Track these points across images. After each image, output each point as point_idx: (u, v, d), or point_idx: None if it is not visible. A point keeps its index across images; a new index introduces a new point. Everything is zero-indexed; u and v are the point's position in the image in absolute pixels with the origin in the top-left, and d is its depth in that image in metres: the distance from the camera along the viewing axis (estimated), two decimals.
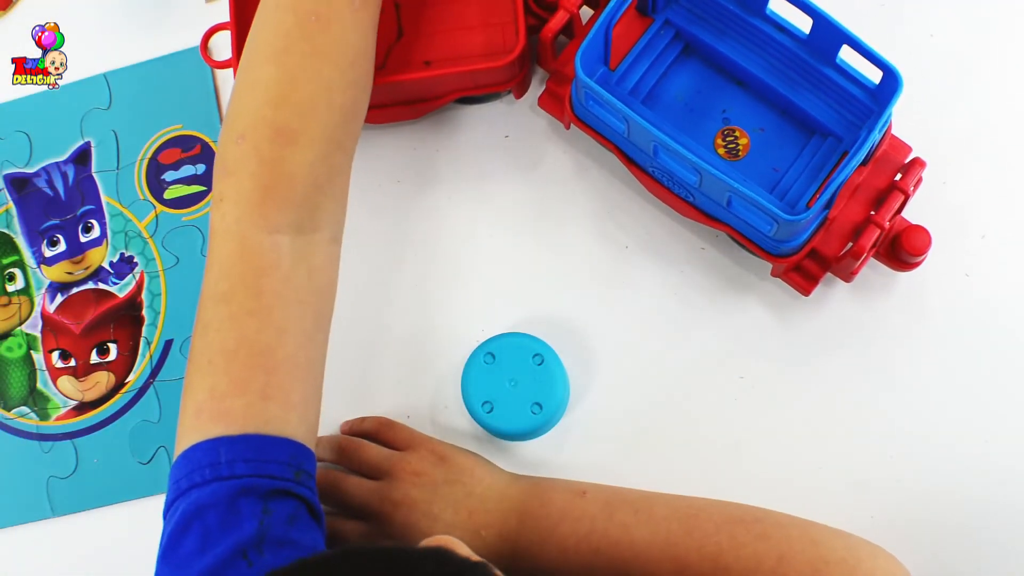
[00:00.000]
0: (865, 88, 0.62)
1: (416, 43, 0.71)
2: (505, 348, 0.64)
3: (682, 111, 0.67)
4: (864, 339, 0.67)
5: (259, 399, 0.53)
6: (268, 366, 0.54)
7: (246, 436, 0.52)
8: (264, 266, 0.55)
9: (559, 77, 0.68)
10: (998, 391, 0.65)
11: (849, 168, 0.59)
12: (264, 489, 0.51)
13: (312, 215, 0.57)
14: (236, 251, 0.55)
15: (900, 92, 0.59)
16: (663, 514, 0.60)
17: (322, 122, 0.57)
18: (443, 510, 0.61)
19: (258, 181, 0.55)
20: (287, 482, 0.52)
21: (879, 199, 0.63)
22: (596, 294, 0.69)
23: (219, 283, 0.55)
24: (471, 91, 0.68)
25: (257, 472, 0.51)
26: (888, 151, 0.64)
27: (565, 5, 0.65)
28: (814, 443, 0.66)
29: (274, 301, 0.55)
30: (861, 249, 0.61)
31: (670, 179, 0.63)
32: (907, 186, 0.62)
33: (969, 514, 0.64)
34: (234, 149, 0.56)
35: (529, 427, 0.64)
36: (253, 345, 0.54)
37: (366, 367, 0.69)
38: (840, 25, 0.60)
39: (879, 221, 0.61)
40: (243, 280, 0.55)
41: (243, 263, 0.55)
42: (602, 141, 0.66)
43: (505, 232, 0.70)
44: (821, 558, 0.57)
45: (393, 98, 0.69)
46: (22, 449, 0.72)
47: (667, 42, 0.67)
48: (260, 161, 0.55)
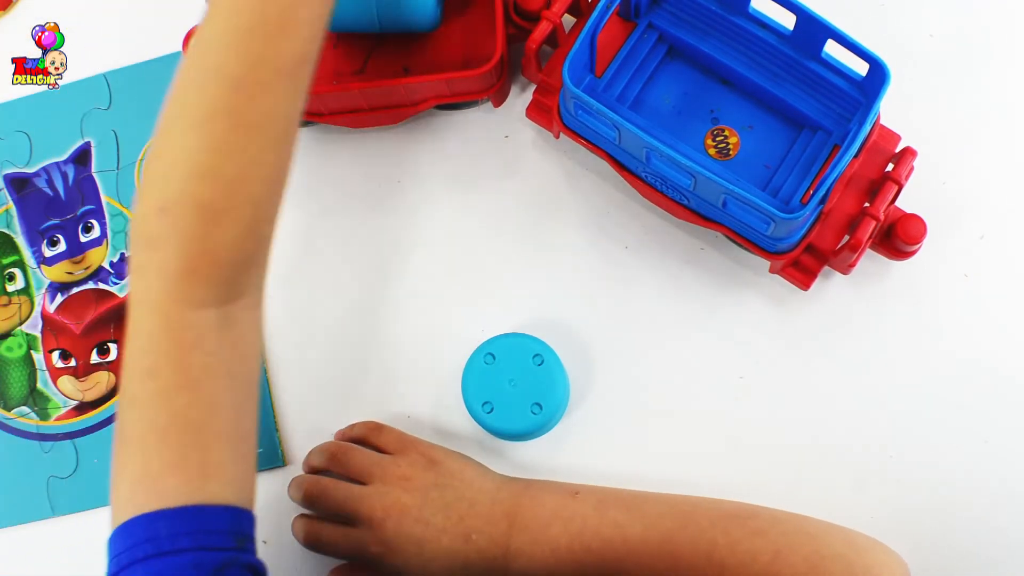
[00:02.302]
0: (852, 81, 0.62)
1: (395, 48, 0.71)
2: (505, 348, 0.64)
3: (670, 114, 0.67)
4: (864, 330, 0.67)
5: (197, 477, 0.52)
6: (202, 443, 0.52)
7: (185, 508, 0.51)
8: (190, 341, 0.53)
9: (545, 87, 0.68)
10: (998, 392, 0.65)
11: (843, 163, 0.59)
12: (211, 565, 0.50)
13: (237, 286, 0.56)
14: (161, 325, 0.53)
15: (888, 83, 0.59)
16: (657, 511, 0.60)
17: (250, 197, 0.54)
18: (434, 515, 0.61)
19: (183, 259, 0.53)
20: (231, 552, 0.51)
21: (872, 190, 0.64)
22: (595, 295, 0.69)
23: (144, 358, 0.53)
24: (449, 99, 0.68)
25: (200, 544, 0.50)
26: (878, 141, 0.64)
27: (548, 15, 0.65)
28: (814, 442, 0.66)
29: (202, 375, 0.53)
30: (858, 242, 0.61)
31: (664, 183, 0.63)
32: (900, 176, 0.62)
33: (968, 513, 0.64)
34: (156, 222, 0.53)
35: (529, 427, 0.64)
36: (185, 422, 0.52)
37: (366, 368, 0.69)
38: (824, 19, 0.60)
39: (874, 213, 0.61)
40: (168, 356, 0.53)
41: (168, 339, 0.53)
42: (593, 149, 0.66)
43: (505, 234, 0.70)
44: (818, 552, 0.57)
45: (371, 103, 0.69)
46: (22, 449, 0.71)
47: (651, 46, 0.67)
48: (184, 238, 0.53)
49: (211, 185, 0.53)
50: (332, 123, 0.70)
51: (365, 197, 0.72)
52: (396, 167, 0.72)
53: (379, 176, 0.72)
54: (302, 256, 0.72)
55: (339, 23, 0.68)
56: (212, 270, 0.54)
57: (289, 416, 0.70)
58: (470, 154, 0.72)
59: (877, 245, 0.65)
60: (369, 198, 0.72)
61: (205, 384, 0.53)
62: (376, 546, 0.61)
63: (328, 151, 0.73)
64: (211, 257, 0.54)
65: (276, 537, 0.67)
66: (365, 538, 0.62)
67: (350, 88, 0.66)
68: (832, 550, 0.57)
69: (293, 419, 0.69)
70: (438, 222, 0.71)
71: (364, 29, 0.68)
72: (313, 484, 0.64)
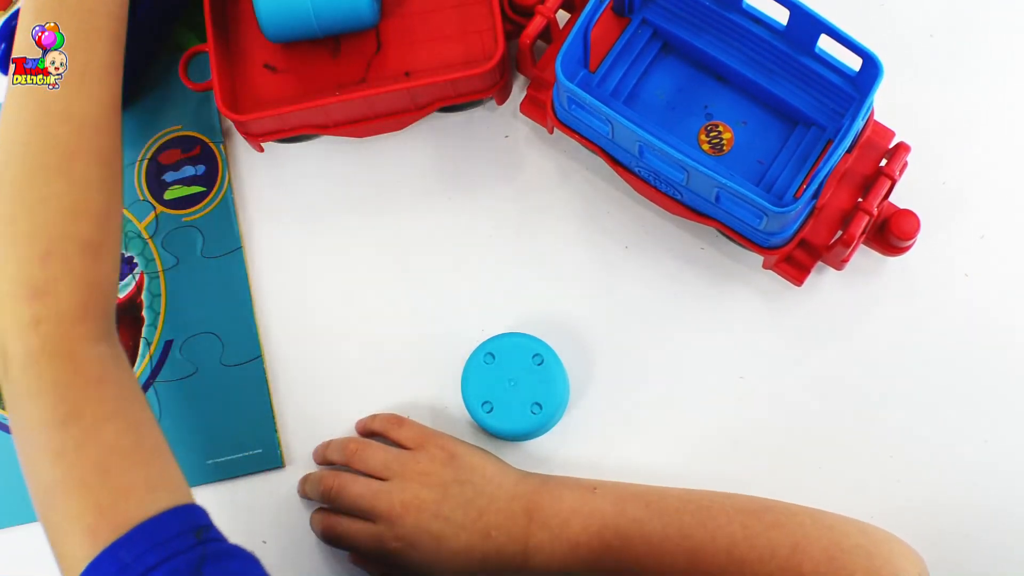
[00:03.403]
0: (845, 76, 0.62)
1: (395, 55, 0.71)
2: (505, 348, 0.64)
3: (664, 109, 0.67)
4: (858, 326, 0.67)
5: (146, 493, 0.53)
6: (140, 462, 0.54)
7: (140, 527, 0.51)
8: (98, 375, 0.56)
9: (539, 82, 0.68)
10: (998, 391, 0.65)
11: (835, 157, 0.59)
12: (186, 570, 0.51)
13: (113, 317, 0.59)
14: (70, 370, 0.55)
15: (881, 78, 0.59)
16: (675, 507, 0.60)
17: (116, 228, 0.60)
18: (453, 511, 0.61)
19: (76, 297, 0.56)
20: (196, 548, 0.51)
21: (866, 185, 0.64)
22: (594, 294, 0.69)
23: (58, 407, 0.55)
24: (453, 100, 0.68)
25: (167, 555, 0.51)
26: (872, 137, 0.64)
27: (542, 11, 0.65)
28: (814, 441, 0.66)
29: (120, 403, 0.56)
30: (851, 237, 0.61)
31: (657, 178, 0.63)
32: (893, 171, 0.62)
33: (968, 512, 0.64)
34: (42, 268, 0.56)
35: (529, 427, 0.64)
36: (120, 449, 0.54)
37: (366, 369, 0.69)
38: (817, 15, 0.60)
39: (867, 208, 0.61)
40: (86, 394, 0.55)
41: (81, 378, 0.55)
42: (587, 144, 0.66)
43: (504, 233, 0.71)
44: (836, 544, 0.57)
45: (376, 111, 0.68)
46: None
47: (645, 41, 0.68)
48: (74, 277, 0.56)
49: (86, 222, 0.57)
50: (337, 134, 0.69)
51: (365, 199, 0.72)
52: (397, 169, 0.72)
53: (379, 178, 0.72)
54: (303, 258, 0.72)
55: (281, 32, 0.68)
56: (100, 304, 0.58)
57: (289, 417, 0.69)
58: (474, 154, 0.72)
59: (871, 241, 0.65)
60: (369, 200, 0.72)
61: (124, 410, 0.56)
62: (394, 541, 0.61)
63: (328, 156, 0.73)
64: (99, 291, 0.57)
65: (276, 537, 0.67)
66: (384, 533, 0.62)
67: (355, 97, 0.66)
68: (850, 541, 0.57)
69: (293, 420, 0.69)
70: (437, 223, 0.71)
71: (306, 35, 0.69)
72: (332, 479, 0.64)
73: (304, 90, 0.71)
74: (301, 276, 0.71)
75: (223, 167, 0.73)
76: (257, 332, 0.70)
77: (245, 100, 0.71)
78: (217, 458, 0.68)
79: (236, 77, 0.71)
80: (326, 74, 0.71)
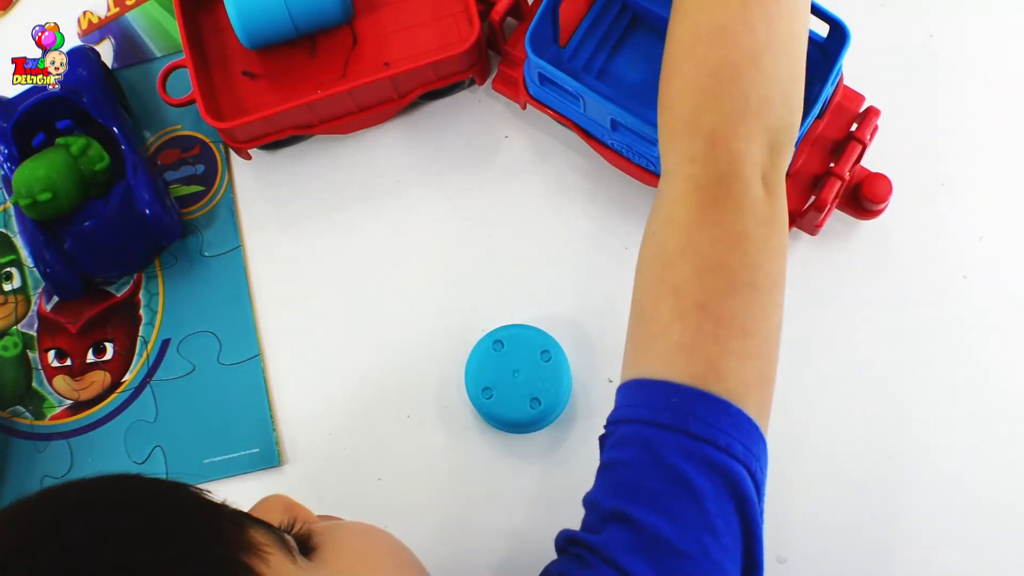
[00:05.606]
0: (814, 42, 0.63)
1: (372, 48, 0.71)
2: (514, 338, 0.64)
3: (637, 83, 0.68)
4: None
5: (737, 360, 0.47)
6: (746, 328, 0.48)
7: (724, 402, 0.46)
8: None
9: (511, 59, 0.68)
10: (999, 392, 0.65)
11: (806, 123, 0.59)
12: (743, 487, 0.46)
13: None
14: None
15: (848, 44, 0.59)
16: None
17: None
18: None
19: None
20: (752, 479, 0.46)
21: (837, 150, 0.64)
22: (598, 292, 0.68)
23: None
24: (434, 84, 0.68)
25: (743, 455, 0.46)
26: (842, 102, 0.65)
27: None
28: (814, 439, 0.65)
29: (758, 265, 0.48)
30: (824, 202, 0.62)
31: (630, 151, 0.64)
32: (864, 136, 0.63)
33: (967, 512, 0.63)
34: None
35: (524, 419, 0.64)
36: None
37: (366, 368, 0.69)
38: None
39: (839, 172, 0.62)
40: None
41: None
42: (560, 118, 0.66)
43: (508, 229, 0.70)
44: None
45: (359, 104, 0.69)
46: (17, 449, 0.71)
47: (615, 15, 0.68)
48: None
49: None
50: (324, 132, 0.70)
51: (360, 196, 0.72)
52: (396, 165, 0.72)
53: (379, 175, 0.72)
54: (301, 256, 0.72)
55: (257, 37, 0.68)
56: None
57: (287, 416, 0.69)
58: (473, 152, 0.72)
59: (844, 205, 0.66)
60: (365, 196, 0.72)
61: None
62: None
63: (323, 156, 0.73)
64: None
65: None
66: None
67: (339, 91, 0.66)
68: None
69: (291, 419, 0.69)
70: (435, 215, 0.71)
71: (281, 37, 0.69)
72: None
73: (286, 93, 0.71)
74: (300, 274, 0.71)
75: (222, 166, 0.74)
76: (256, 331, 0.70)
77: (228, 109, 0.71)
78: (215, 457, 0.69)
79: (217, 88, 0.71)
80: (306, 74, 0.71)
